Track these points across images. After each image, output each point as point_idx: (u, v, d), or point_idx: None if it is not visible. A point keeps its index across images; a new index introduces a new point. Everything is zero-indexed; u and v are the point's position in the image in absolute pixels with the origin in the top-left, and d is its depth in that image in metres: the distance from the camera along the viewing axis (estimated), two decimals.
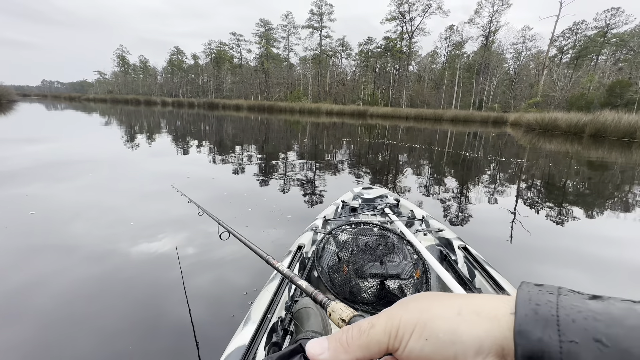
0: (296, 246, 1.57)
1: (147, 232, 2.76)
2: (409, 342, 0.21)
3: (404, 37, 47.79)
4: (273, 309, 1.10)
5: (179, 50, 67.73)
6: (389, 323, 0.22)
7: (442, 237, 1.80)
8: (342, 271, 1.35)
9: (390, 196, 2.57)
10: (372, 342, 0.22)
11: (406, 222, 2.10)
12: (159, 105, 44.92)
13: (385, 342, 0.22)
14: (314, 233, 1.78)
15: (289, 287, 1.27)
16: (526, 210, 3.93)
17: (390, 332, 0.22)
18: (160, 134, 10.46)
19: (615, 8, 37.89)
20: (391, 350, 0.22)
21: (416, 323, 0.21)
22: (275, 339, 1.02)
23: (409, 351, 0.21)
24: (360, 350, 0.23)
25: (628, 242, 3.10)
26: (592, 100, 27.94)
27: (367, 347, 0.22)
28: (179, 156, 6.69)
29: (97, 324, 1.65)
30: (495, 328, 0.19)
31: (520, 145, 12.33)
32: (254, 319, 1.03)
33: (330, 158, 7.38)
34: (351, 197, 2.57)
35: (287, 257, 1.48)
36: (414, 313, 0.22)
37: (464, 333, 0.20)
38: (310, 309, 1.09)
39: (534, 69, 43.56)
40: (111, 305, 1.81)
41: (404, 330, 0.21)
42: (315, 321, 1.03)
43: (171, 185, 2.17)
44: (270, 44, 57.46)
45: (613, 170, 6.98)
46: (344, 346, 0.23)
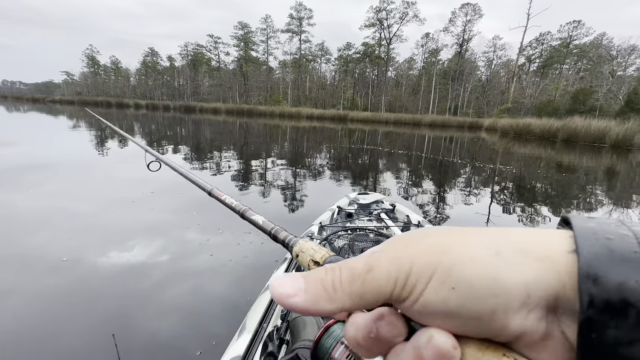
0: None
1: (115, 239, 2.65)
2: (424, 292, 0.15)
3: (382, 44, 48.74)
4: (269, 317, 1.07)
5: (153, 51, 65.60)
6: (395, 266, 0.16)
7: None
8: None
9: (386, 201, 2.57)
10: (369, 290, 0.16)
11: (402, 227, 2.08)
12: (131, 107, 43.19)
13: (388, 291, 0.16)
14: (309, 239, 1.67)
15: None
16: (499, 210, 4.19)
17: (396, 278, 0.16)
18: (133, 138, 9.92)
19: (577, 21, 40.51)
20: (395, 300, 0.16)
21: (436, 266, 0.15)
22: (271, 348, 1.00)
23: (425, 304, 0.15)
24: (350, 299, 0.17)
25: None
26: (559, 106, 29.55)
27: (360, 296, 0.16)
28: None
29: (58, 344, 1.53)
30: (548, 271, 0.14)
31: (499, 150, 12.73)
32: (249, 328, 1.00)
33: (312, 163, 7.22)
34: (347, 203, 2.56)
35: (282, 264, 1.44)
36: (432, 253, 0.16)
37: (507, 279, 0.14)
38: (307, 318, 1.05)
39: (505, 76, 45.64)
40: (73, 320, 1.69)
41: (417, 275, 0.16)
42: (312, 330, 1.00)
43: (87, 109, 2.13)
44: (249, 47, 56.84)
45: (584, 174, 7.27)
46: (328, 291, 0.17)
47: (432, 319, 0.15)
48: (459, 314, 0.15)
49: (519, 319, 0.14)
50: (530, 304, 0.14)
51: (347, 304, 0.17)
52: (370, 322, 0.17)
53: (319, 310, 0.17)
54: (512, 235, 0.16)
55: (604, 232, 0.14)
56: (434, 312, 0.15)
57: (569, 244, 0.14)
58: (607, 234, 0.14)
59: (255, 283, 1.99)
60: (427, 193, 4.98)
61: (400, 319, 0.16)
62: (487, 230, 0.16)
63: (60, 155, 6.41)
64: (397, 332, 0.16)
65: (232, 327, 1.10)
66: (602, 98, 29.41)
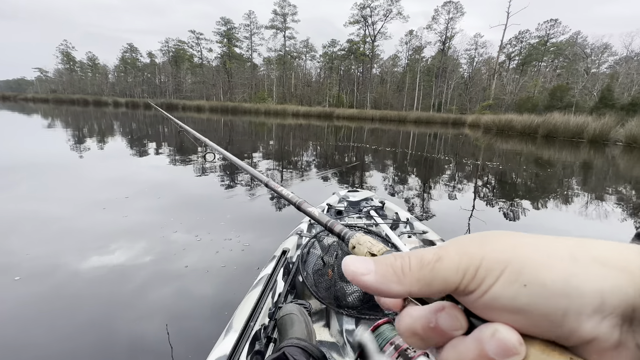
0: (280, 251, 1.53)
1: (96, 244, 2.52)
2: (494, 286, 0.15)
3: (366, 41, 48.85)
4: (256, 316, 1.05)
5: (132, 47, 63.39)
6: (465, 258, 0.16)
7: (426, 239, 1.79)
8: (327, 275, 1.32)
9: (376, 199, 2.57)
10: (436, 278, 0.17)
11: (391, 224, 2.08)
12: (110, 105, 41.67)
13: (456, 281, 0.16)
14: (299, 237, 1.74)
15: (273, 292, 1.23)
16: (483, 204, 4.25)
17: (465, 270, 0.16)
18: (112, 137, 9.52)
19: (553, 20, 41.79)
20: (461, 292, 0.16)
21: (507, 264, 0.15)
22: (258, 347, 0.99)
23: (493, 297, 0.15)
24: (417, 284, 0.17)
25: (567, 232, 3.38)
26: (537, 103, 30.47)
27: (427, 283, 0.17)
28: (134, 160, 6.04)
29: (38, 352, 1.45)
30: (627, 282, 0.14)
31: (482, 146, 12.97)
32: (236, 327, 0.98)
33: (298, 160, 7.13)
34: (337, 200, 2.56)
35: (270, 262, 1.42)
36: (502, 252, 0.16)
37: (582, 283, 0.14)
38: (295, 315, 1.04)
39: (486, 73, 46.67)
40: (53, 328, 1.61)
41: (487, 270, 0.16)
42: (299, 328, 0.99)
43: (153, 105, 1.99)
44: (232, 44, 55.82)
45: (562, 168, 7.49)
46: (397, 274, 0.17)
47: (498, 314, 0.15)
48: (528, 311, 0.15)
49: (592, 324, 0.14)
50: (604, 311, 0.14)
51: (414, 287, 0.17)
52: (430, 313, 0.17)
53: (388, 290, 0.17)
54: (587, 244, 0.16)
55: None
56: (501, 307, 0.15)
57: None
58: None
59: (235, 296, 1.84)
60: (413, 189, 5.01)
61: (461, 313, 0.17)
62: (561, 237, 0.16)
63: (33, 156, 6.07)
64: (458, 325, 0.16)
65: (205, 346, 1.00)
66: (578, 94, 30.54)
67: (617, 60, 38.01)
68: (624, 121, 14.09)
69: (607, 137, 13.81)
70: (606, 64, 38.83)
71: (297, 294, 1.47)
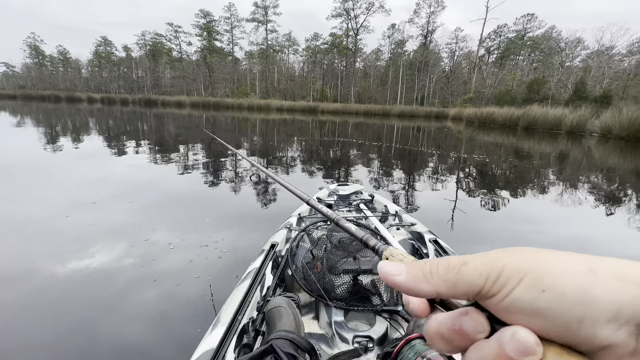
0: (269, 245, 1.52)
1: (74, 246, 2.37)
2: (514, 290, 0.17)
3: (349, 34, 48.67)
4: (244, 309, 1.04)
5: (106, 40, 60.70)
6: (488, 265, 0.18)
7: (414, 231, 1.83)
8: (316, 268, 1.33)
9: (365, 192, 2.58)
10: (462, 280, 0.18)
11: (380, 217, 2.10)
12: (84, 102, 39.87)
13: (479, 284, 0.18)
14: (288, 231, 1.75)
15: (261, 286, 1.23)
16: (465, 195, 4.30)
17: (488, 275, 0.18)
18: (88, 135, 9.05)
19: (530, 14, 42.85)
20: (484, 295, 0.18)
21: (527, 271, 0.17)
22: (246, 340, 0.99)
23: (513, 301, 0.17)
24: (444, 285, 0.19)
25: (544, 219, 3.52)
26: (516, 96, 31.32)
27: (453, 285, 0.19)
28: (111, 159, 5.74)
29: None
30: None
31: (465, 139, 13.19)
32: (224, 321, 0.97)
33: (283, 155, 7.00)
34: (326, 194, 2.56)
35: (259, 256, 1.41)
36: (524, 261, 0.17)
37: (599, 294, 0.15)
38: (283, 308, 1.04)
39: (467, 67, 47.55)
40: (32, 334, 1.51)
41: (508, 276, 0.17)
42: (288, 320, 0.99)
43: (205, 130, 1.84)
44: (212, 37, 54.35)
45: (540, 159, 7.70)
46: (426, 275, 0.20)
47: (518, 317, 0.17)
48: (545, 315, 0.16)
49: (608, 331, 0.15)
50: (620, 320, 0.15)
51: (441, 288, 0.19)
52: (455, 317, 0.19)
53: (417, 289, 0.20)
54: (606, 260, 0.17)
55: None
56: (520, 310, 0.16)
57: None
58: None
59: (209, 312, 1.69)
60: (398, 182, 5.03)
61: (484, 318, 0.18)
62: (580, 254, 0.17)
63: (2, 157, 5.67)
64: (480, 328, 0.18)
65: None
66: (554, 87, 31.60)
67: (589, 54, 39.52)
68: (599, 113, 14.67)
69: (584, 128, 14.31)
70: (579, 58, 40.32)
71: (286, 287, 1.48)
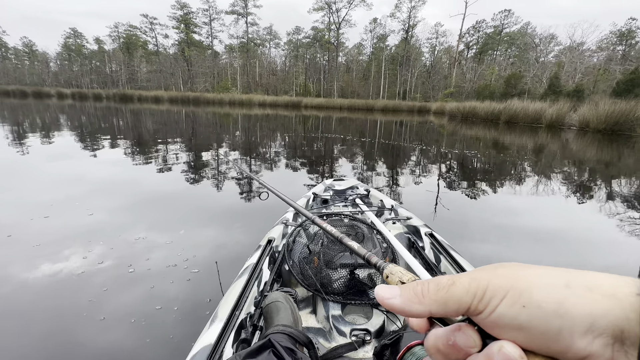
0: (266, 240, 1.51)
1: (47, 250, 2.19)
2: (498, 307, 0.18)
3: (331, 28, 48.30)
4: (241, 305, 1.05)
5: (76, 32, 57.52)
6: (474, 284, 0.20)
7: (410, 224, 1.83)
8: (312, 263, 1.33)
9: (361, 187, 2.58)
10: (451, 300, 0.20)
11: (376, 211, 2.11)
12: (54, 97, 37.71)
13: (467, 302, 0.19)
14: (285, 226, 1.75)
15: (258, 281, 1.24)
16: (446, 188, 4.27)
17: (475, 293, 0.19)
18: (59, 133, 8.45)
19: (507, 10, 43.92)
20: (472, 312, 0.20)
21: (509, 289, 0.19)
22: (244, 335, 1.00)
23: (498, 317, 0.18)
24: (436, 304, 0.21)
25: (522, 211, 3.61)
26: (494, 90, 32.08)
27: (444, 303, 0.20)
28: (86, 158, 5.34)
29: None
30: (615, 307, 0.16)
31: (448, 133, 13.33)
32: (221, 316, 0.97)
33: (267, 152, 6.78)
34: (322, 189, 2.55)
35: (256, 252, 1.40)
36: (506, 278, 0.19)
37: (574, 307, 0.17)
38: (280, 303, 1.04)
39: (447, 62, 48.32)
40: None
41: (492, 293, 0.19)
42: (285, 315, 1.00)
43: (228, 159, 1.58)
44: (190, 30, 52.56)
45: (520, 152, 7.85)
46: (418, 296, 0.22)
47: (504, 331, 0.18)
48: (527, 329, 0.17)
49: (585, 342, 0.16)
50: (595, 331, 0.16)
51: (433, 307, 0.21)
52: (450, 332, 0.20)
53: (411, 310, 0.22)
54: (583, 274, 0.18)
55: None
56: (505, 325, 0.18)
57: (636, 288, 0.16)
58: None
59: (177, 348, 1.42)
60: (382, 175, 5.01)
61: (475, 333, 0.20)
62: (561, 269, 0.19)
63: None
64: (472, 343, 0.19)
65: None
66: (530, 82, 32.60)
67: (562, 50, 41.00)
68: (576, 107, 15.15)
69: (563, 122, 14.73)
70: (552, 53, 41.79)
71: (283, 282, 1.47)
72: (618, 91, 21.29)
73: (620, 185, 4.96)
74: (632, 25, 37.01)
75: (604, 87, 28.66)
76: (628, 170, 6.17)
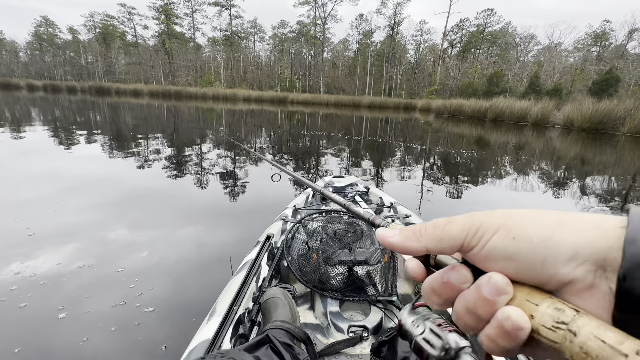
0: (265, 236, 1.51)
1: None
2: (490, 241, 0.20)
3: (317, 23, 47.82)
4: (240, 300, 1.05)
5: (48, 21, 54.49)
6: (468, 222, 0.22)
7: (409, 222, 1.80)
8: (311, 259, 1.34)
9: (360, 184, 2.58)
10: (446, 236, 0.22)
11: (375, 209, 2.12)
12: (24, 89, 35.65)
13: (461, 238, 0.21)
14: (284, 222, 1.75)
15: (257, 277, 1.23)
16: (431, 184, 4.20)
17: (468, 230, 0.21)
18: (31, 127, 7.85)
19: (490, 9, 44.73)
20: (466, 248, 0.21)
21: (502, 225, 0.20)
22: (242, 330, 1.00)
23: (489, 249, 0.20)
24: (432, 241, 0.23)
25: (503, 204, 3.67)
26: (477, 88, 32.72)
27: (439, 240, 0.22)
28: (61, 154, 4.93)
29: None
30: (600, 237, 0.18)
31: (434, 130, 13.39)
32: (219, 311, 0.98)
33: (253, 148, 6.52)
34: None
35: (255, 248, 1.40)
36: (499, 216, 0.21)
37: (562, 238, 0.18)
38: (279, 299, 1.04)
39: (431, 59, 48.87)
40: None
41: (485, 230, 0.21)
42: (284, 310, 1.00)
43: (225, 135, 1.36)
44: (171, 21, 50.80)
45: (506, 149, 7.93)
46: (416, 234, 0.24)
47: (494, 263, 0.20)
48: (515, 259, 0.19)
49: (568, 269, 0.18)
50: (579, 259, 0.18)
51: (430, 244, 0.23)
52: (444, 272, 0.22)
53: (408, 246, 0.24)
54: (575, 214, 0.20)
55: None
56: (495, 256, 0.20)
57: (621, 222, 0.18)
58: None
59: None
60: (372, 172, 4.82)
61: (468, 270, 0.21)
62: (553, 210, 0.20)
63: None
64: (464, 279, 0.21)
65: None
66: (511, 81, 33.41)
67: (541, 50, 42.24)
68: (559, 106, 15.47)
69: (547, 120, 15.03)
70: (531, 53, 42.99)
71: (282, 278, 1.46)
72: (594, 90, 22.14)
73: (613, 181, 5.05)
74: (606, 27, 38.52)
75: (580, 86, 29.74)
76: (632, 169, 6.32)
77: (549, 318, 0.17)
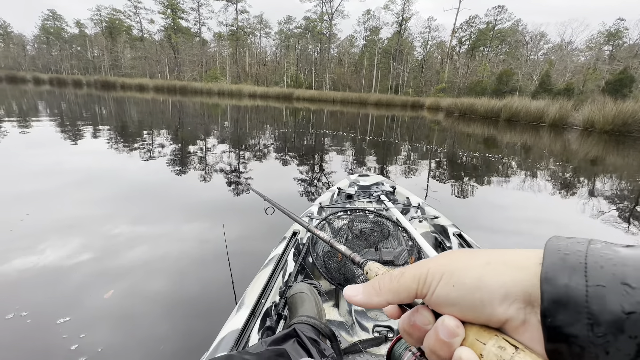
0: (291, 232, 1.52)
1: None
2: (437, 289, 0.22)
3: (324, 19, 47.33)
4: (267, 294, 1.08)
5: (55, 14, 54.58)
6: (418, 271, 0.24)
7: (437, 224, 1.79)
8: (336, 257, 1.33)
9: (387, 183, 2.55)
10: (401, 288, 0.24)
11: (402, 209, 2.10)
12: (30, 82, 35.72)
13: (414, 288, 0.23)
14: (309, 219, 1.75)
15: (283, 272, 1.25)
16: (437, 184, 3.92)
17: (419, 279, 0.23)
18: (38, 121, 7.69)
19: (500, 6, 43.87)
20: (419, 296, 0.23)
21: (444, 272, 0.22)
22: (269, 323, 1.02)
23: (437, 297, 0.22)
24: (390, 294, 0.25)
25: (511, 206, 3.63)
26: (486, 86, 32.15)
27: (396, 292, 0.24)
28: (67, 147, 4.74)
29: None
30: (523, 276, 0.20)
31: (445, 130, 13.04)
32: (248, 303, 1.00)
33: (256, 145, 6.30)
34: (347, 184, 2.54)
35: (281, 243, 1.42)
36: (441, 264, 0.23)
37: (490, 280, 0.20)
38: (305, 294, 1.04)
39: (439, 57, 48.19)
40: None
41: (432, 277, 0.23)
42: (310, 306, 1.00)
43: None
44: (177, 15, 50.61)
45: (529, 151, 7.61)
46: (376, 290, 0.25)
47: (444, 308, 0.22)
48: (458, 303, 0.21)
49: (503, 308, 0.20)
50: (510, 298, 0.20)
51: (389, 297, 0.25)
52: (410, 314, 0.24)
53: (371, 302, 0.26)
54: (503, 252, 0.22)
55: (565, 249, 0.19)
56: (443, 302, 0.22)
57: (540, 257, 0.20)
58: (567, 250, 0.19)
59: None
60: (383, 173, 4.58)
61: (429, 312, 0.24)
62: (487, 250, 0.23)
63: None
64: (426, 320, 0.23)
65: None
66: (521, 79, 32.78)
67: (551, 48, 41.40)
68: (578, 106, 14.71)
69: (566, 121, 14.33)
70: (542, 52, 42.13)
71: (307, 274, 1.47)
72: (607, 90, 21.55)
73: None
74: (620, 26, 37.60)
75: (592, 86, 29.06)
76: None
77: (493, 357, 0.19)
